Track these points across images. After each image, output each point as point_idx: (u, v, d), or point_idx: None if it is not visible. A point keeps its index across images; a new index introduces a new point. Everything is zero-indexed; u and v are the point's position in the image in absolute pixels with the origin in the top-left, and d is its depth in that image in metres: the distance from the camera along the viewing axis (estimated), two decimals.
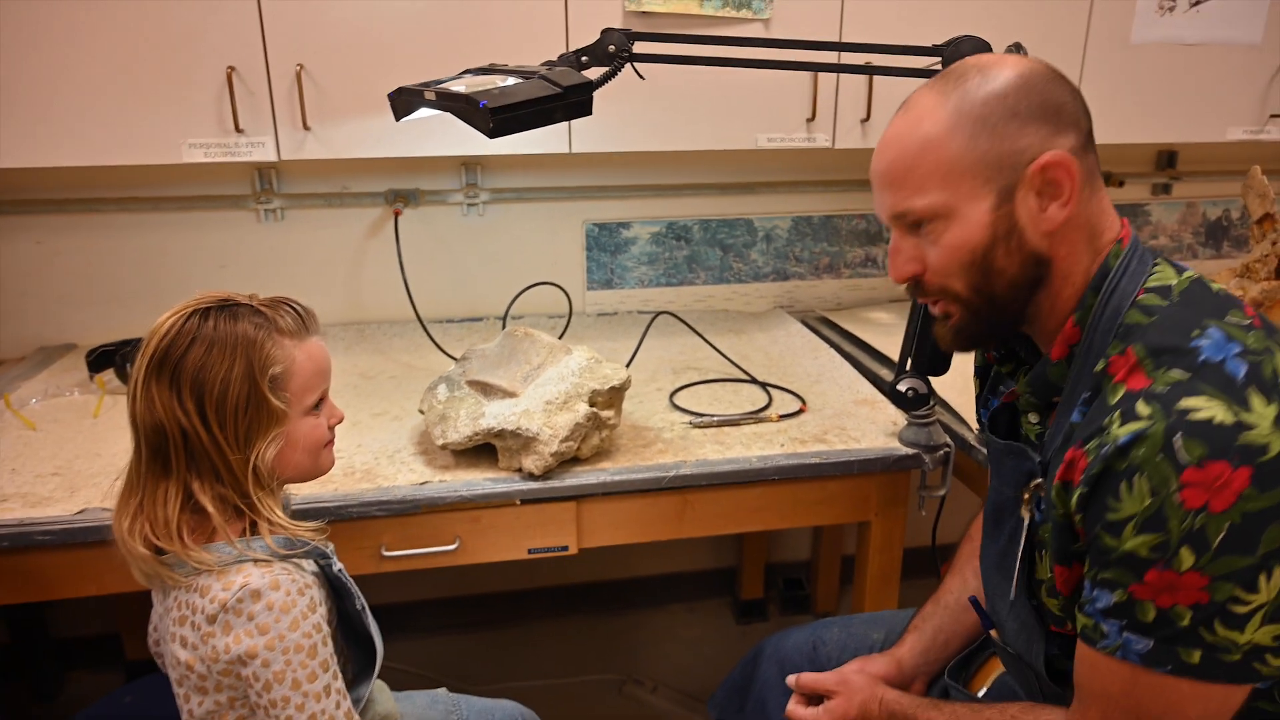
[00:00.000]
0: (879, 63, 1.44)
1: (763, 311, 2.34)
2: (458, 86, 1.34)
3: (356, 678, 1.13)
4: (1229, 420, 0.78)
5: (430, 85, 1.37)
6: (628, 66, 1.41)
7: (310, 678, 0.97)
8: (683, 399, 1.73)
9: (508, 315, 1.95)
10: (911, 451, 1.51)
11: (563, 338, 1.70)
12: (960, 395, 1.70)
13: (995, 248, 0.91)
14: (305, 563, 1.03)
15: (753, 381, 1.81)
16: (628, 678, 2.33)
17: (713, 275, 2.32)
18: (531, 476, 1.41)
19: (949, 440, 1.53)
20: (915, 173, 0.91)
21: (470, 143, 1.73)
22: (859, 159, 2.29)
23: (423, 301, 2.08)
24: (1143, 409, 0.82)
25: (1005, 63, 0.92)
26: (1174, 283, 0.90)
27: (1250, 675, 0.81)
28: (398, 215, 2.08)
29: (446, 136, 1.75)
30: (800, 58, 1.48)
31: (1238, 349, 0.82)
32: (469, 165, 2.11)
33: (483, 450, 1.47)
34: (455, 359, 1.71)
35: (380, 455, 1.50)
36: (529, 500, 1.44)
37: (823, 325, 2.25)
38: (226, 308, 1.01)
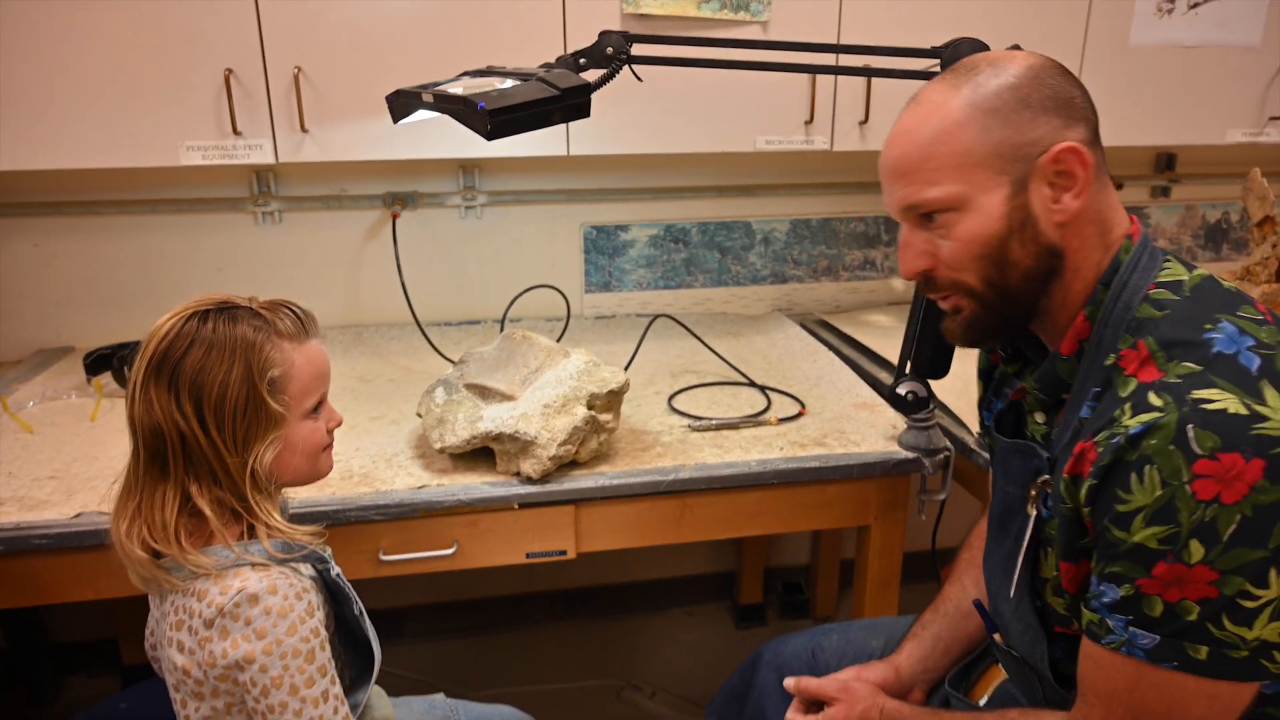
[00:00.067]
0: (877, 65, 1.44)
1: (761, 314, 2.33)
2: (455, 89, 1.33)
3: (354, 683, 1.12)
4: (1243, 412, 0.78)
5: (428, 87, 1.36)
6: (625, 69, 1.41)
7: (308, 683, 0.97)
8: (681, 402, 1.72)
9: (506, 318, 1.94)
10: (911, 455, 1.51)
11: (561, 341, 1.70)
12: (960, 399, 1.69)
13: (1010, 239, 0.90)
14: (303, 567, 1.03)
15: (751, 385, 1.80)
16: (626, 683, 2.32)
17: (711, 278, 2.32)
18: (529, 480, 1.41)
19: (949, 444, 1.52)
20: (928, 164, 0.91)
21: (468, 145, 1.72)
22: (857, 161, 2.29)
23: (420, 304, 2.08)
24: (1155, 400, 0.81)
25: (1014, 56, 0.92)
26: (1185, 279, 0.91)
27: (1258, 672, 0.80)
28: (395, 218, 2.08)
29: (444, 139, 1.75)
30: (798, 60, 1.47)
31: (1251, 342, 0.83)
32: (467, 168, 2.11)
33: (481, 454, 1.46)
34: (453, 362, 1.70)
35: (378, 459, 1.49)
36: (527, 504, 1.43)
37: (821, 328, 2.25)
38: (226, 310, 1.00)
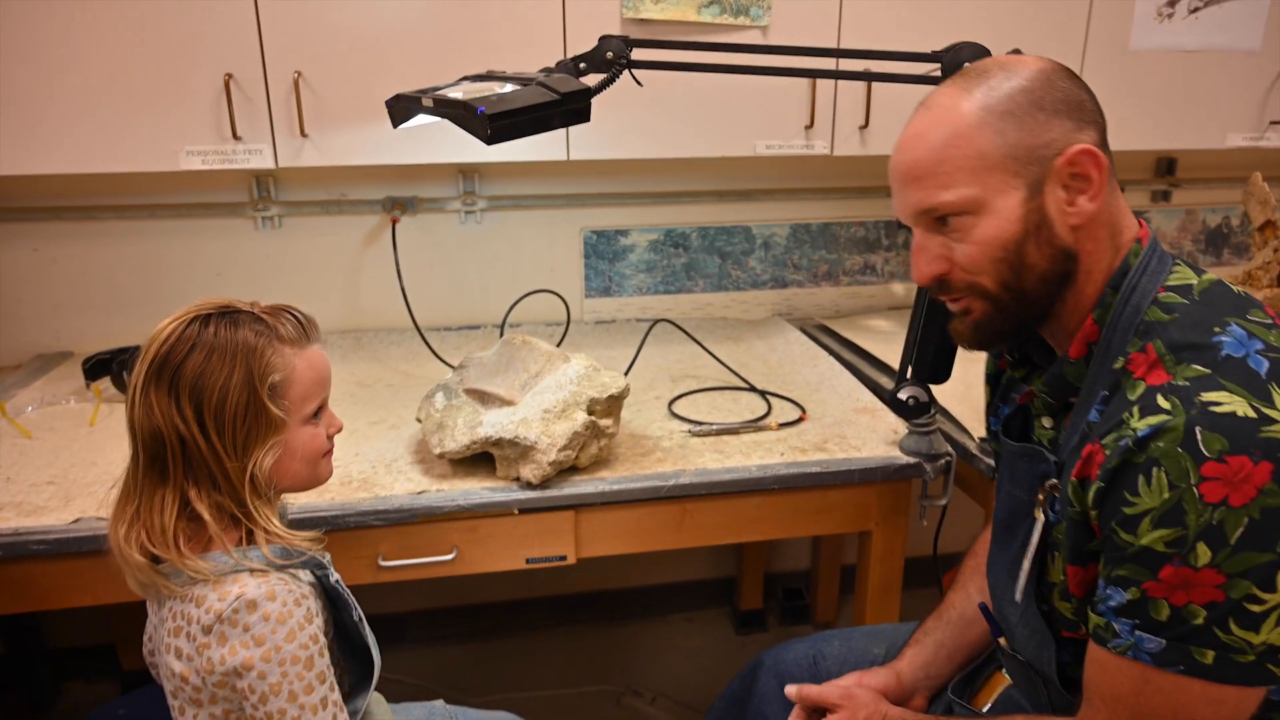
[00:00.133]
0: (877, 69, 1.44)
1: (761, 319, 2.33)
2: (455, 93, 1.33)
3: (353, 689, 1.12)
4: (1251, 415, 0.78)
5: (428, 92, 1.36)
6: (626, 73, 1.41)
7: (307, 690, 0.96)
8: (681, 407, 1.72)
9: (505, 323, 1.94)
10: (913, 460, 1.50)
11: (561, 346, 1.70)
12: (961, 403, 1.69)
13: (1027, 242, 0.90)
14: (302, 573, 1.02)
15: (752, 390, 1.80)
16: (626, 689, 2.31)
17: (711, 283, 2.31)
18: (529, 485, 1.40)
19: (950, 449, 1.52)
20: (944, 167, 0.91)
21: (468, 150, 1.72)
22: (857, 166, 2.29)
23: (420, 309, 2.07)
24: (1163, 402, 0.81)
25: (1024, 60, 0.93)
26: (1194, 282, 0.91)
27: (1264, 677, 0.80)
28: (395, 223, 2.08)
29: (444, 144, 1.74)
30: (798, 64, 1.47)
31: (1260, 345, 0.83)
32: (467, 172, 2.11)
33: (480, 459, 1.46)
34: (453, 367, 1.70)
35: (377, 464, 1.49)
36: (527, 509, 1.43)
37: (822, 333, 2.24)
38: (227, 314, 1.00)
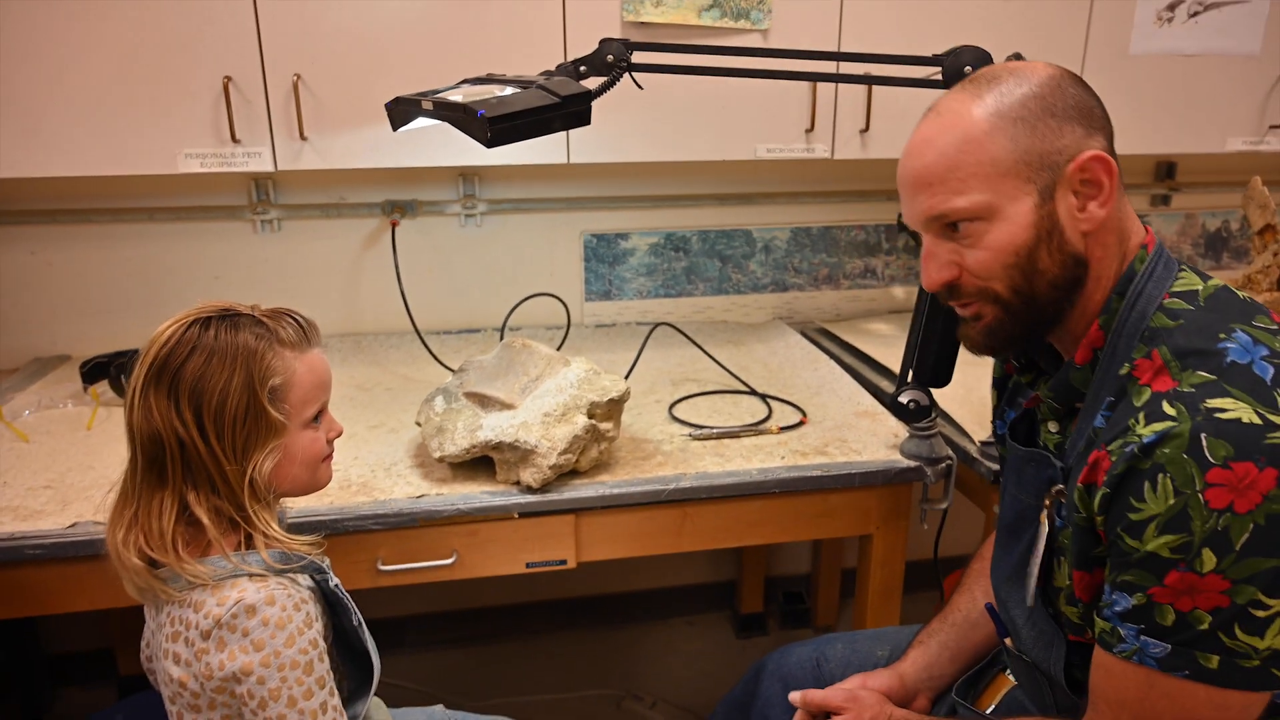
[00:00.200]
0: (878, 73, 1.43)
1: (761, 323, 2.33)
2: (455, 96, 1.33)
3: (353, 694, 1.11)
4: (1256, 421, 0.78)
5: (428, 95, 1.36)
6: (626, 76, 1.40)
7: (306, 695, 0.95)
8: (682, 411, 1.72)
9: (505, 326, 1.94)
10: (913, 464, 1.50)
11: (561, 349, 1.69)
12: (962, 407, 1.69)
13: (1039, 248, 0.91)
14: (301, 577, 1.02)
15: (752, 393, 1.80)
16: (626, 693, 2.31)
17: (711, 286, 2.31)
18: (529, 489, 1.40)
19: (951, 453, 1.52)
20: (956, 173, 0.90)
21: (468, 153, 1.72)
22: (858, 170, 2.29)
23: (420, 313, 2.07)
24: (1169, 409, 0.82)
25: (1034, 66, 0.93)
26: (1199, 288, 0.91)
27: (1269, 682, 0.81)
28: (395, 226, 2.07)
29: (444, 147, 1.74)
30: (799, 68, 1.47)
31: (1265, 351, 0.83)
32: (466, 176, 2.11)
33: (480, 463, 1.45)
34: (453, 370, 1.70)
35: (377, 468, 1.48)
36: (527, 513, 1.42)
37: (822, 336, 2.24)
38: (228, 317, 1.00)
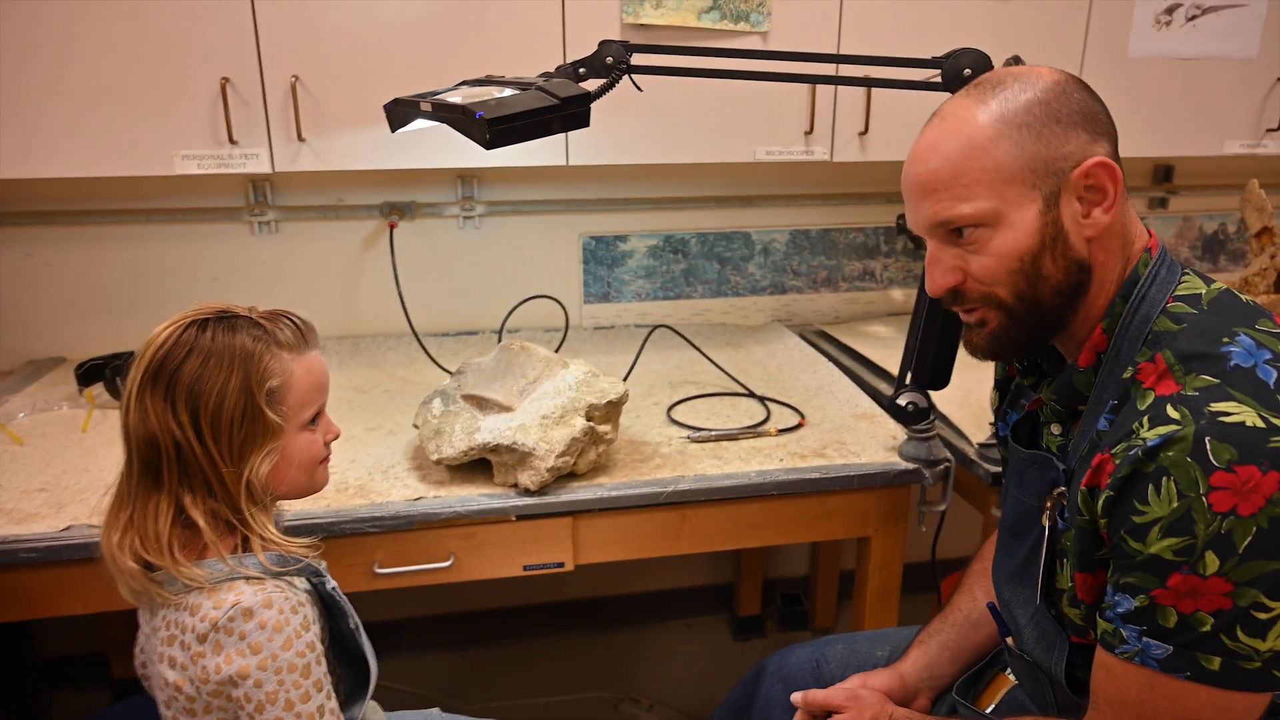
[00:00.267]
0: (877, 75, 1.43)
1: (760, 325, 2.33)
2: (454, 98, 1.33)
3: (349, 698, 1.11)
4: (1260, 425, 0.78)
5: (426, 96, 1.35)
6: (625, 78, 1.40)
7: (304, 698, 0.95)
8: (680, 413, 1.71)
9: (504, 328, 1.93)
10: (911, 466, 1.50)
11: (559, 351, 1.69)
12: (960, 409, 1.69)
13: (1043, 254, 0.91)
14: (298, 580, 1.01)
15: (751, 396, 1.79)
16: (624, 696, 2.30)
17: (710, 289, 2.31)
18: (527, 492, 1.39)
19: (949, 455, 1.51)
20: (961, 179, 0.90)
21: (466, 155, 1.72)
22: (857, 172, 2.29)
23: (418, 315, 2.07)
24: (1173, 413, 0.82)
25: (1039, 71, 0.93)
26: (1203, 292, 0.91)
27: (1270, 683, 0.81)
28: (393, 228, 2.07)
29: (443, 148, 1.73)
30: (798, 70, 1.47)
31: (1269, 355, 0.83)
32: (465, 178, 2.10)
33: (478, 465, 1.45)
34: (450, 373, 1.69)
35: (374, 470, 1.48)
36: (525, 516, 1.42)
37: (821, 339, 2.24)
38: (225, 319, 0.99)
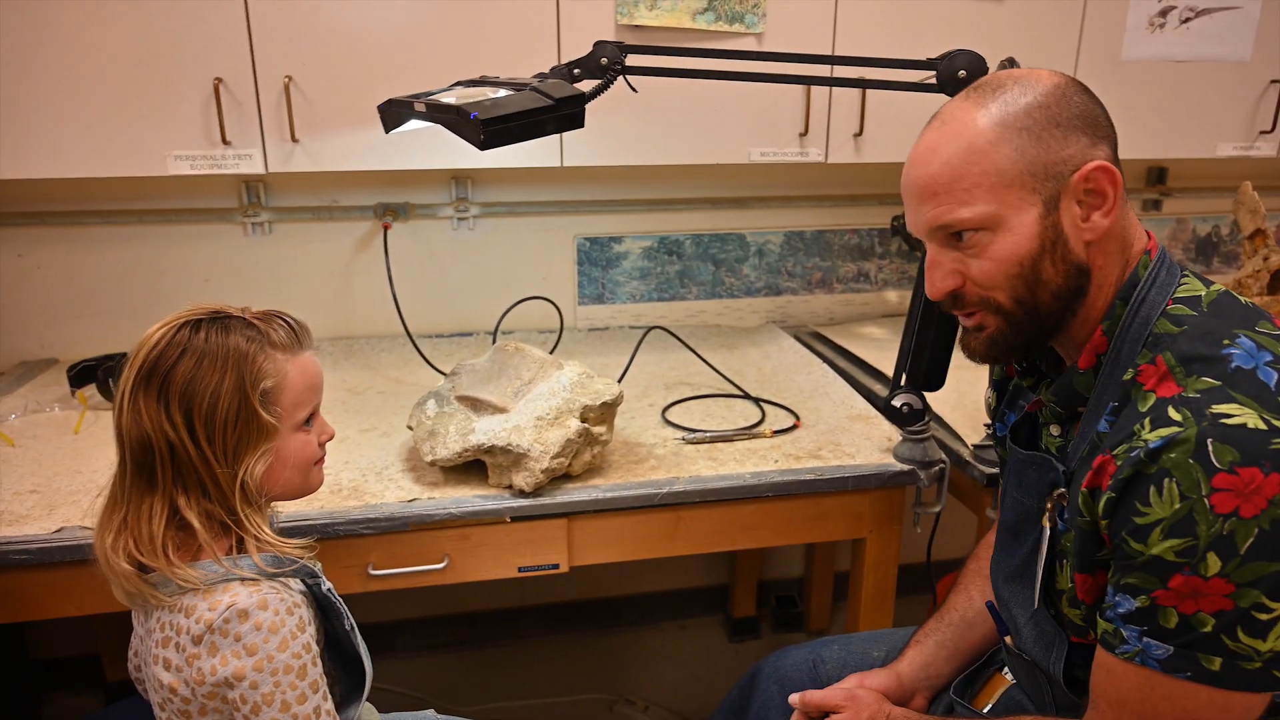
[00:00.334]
0: (872, 77, 1.43)
1: (755, 326, 2.33)
2: (448, 98, 1.32)
3: (345, 699, 1.10)
4: (1262, 427, 0.79)
5: (420, 97, 1.35)
6: (620, 79, 1.40)
7: (300, 699, 0.95)
8: (675, 415, 1.71)
9: (498, 330, 1.93)
10: (907, 468, 1.50)
11: (554, 353, 1.68)
12: (955, 411, 1.69)
13: (1043, 258, 0.91)
14: (293, 581, 1.01)
15: (746, 397, 1.79)
16: (619, 697, 2.30)
17: (705, 290, 2.31)
18: (522, 493, 1.39)
19: (944, 456, 1.52)
20: (961, 183, 0.90)
21: (461, 156, 1.72)
22: (852, 174, 2.29)
23: (412, 316, 2.06)
24: (1174, 414, 0.82)
25: (1039, 74, 0.93)
26: (1202, 294, 0.92)
27: (1270, 683, 0.81)
28: (387, 229, 2.06)
29: (437, 149, 1.73)
30: (793, 71, 1.47)
31: (1269, 357, 0.84)
32: (459, 179, 2.10)
33: (472, 467, 1.45)
34: (445, 374, 1.69)
35: (368, 472, 1.47)
36: (519, 517, 1.42)
37: (815, 340, 2.24)
38: (218, 320, 0.99)
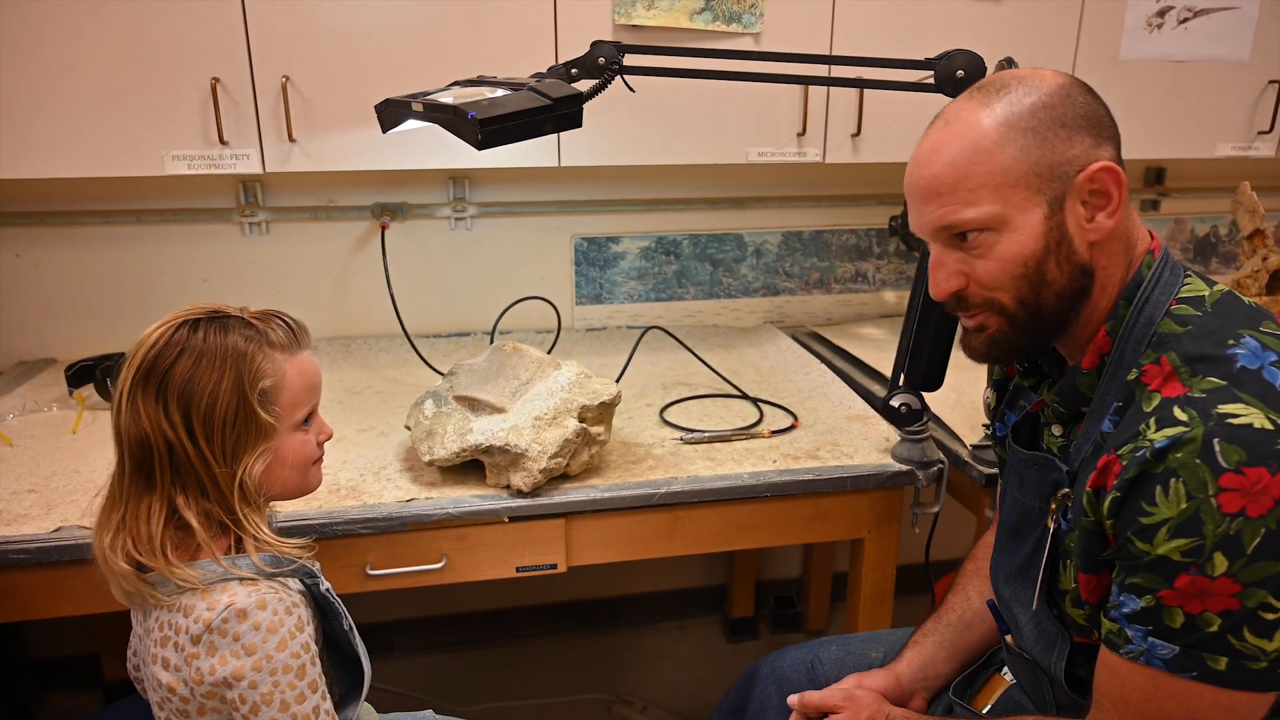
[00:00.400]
0: (870, 77, 1.43)
1: (753, 327, 2.33)
2: (446, 98, 1.32)
3: (343, 699, 1.10)
4: (1268, 426, 0.79)
5: (418, 97, 1.35)
6: (618, 79, 1.40)
7: (299, 699, 0.95)
8: (673, 415, 1.71)
9: (496, 330, 1.93)
10: (905, 468, 1.50)
11: (551, 353, 1.68)
12: (954, 411, 1.69)
13: (1048, 259, 0.91)
14: (291, 581, 1.01)
15: (744, 397, 1.79)
16: (617, 697, 2.30)
17: (702, 290, 2.31)
18: (520, 493, 1.39)
19: (942, 456, 1.52)
20: (966, 183, 0.90)
21: (458, 155, 1.72)
22: (849, 174, 2.29)
23: (409, 316, 2.06)
24: (1180, 414, 0.82)
25: (1043, 74, 0.92)
26: (1206, 294, 0.92)
27: (1276, 683, 0.81)
28: (384, 229, 2.06)
29: (434, 149, 1.73)
30: (791, 71, 1.47)
31: (1274, 357, 0.84)
32: (457, 179, 2.10)
33: (470, 467, 1.45)
34: (442, 374, 1.69)
35: (366, 472, 1.47)
36: (517, 517, 1.42)
37: (813, 340, 2.24)
38: (217, 319, 0.99)
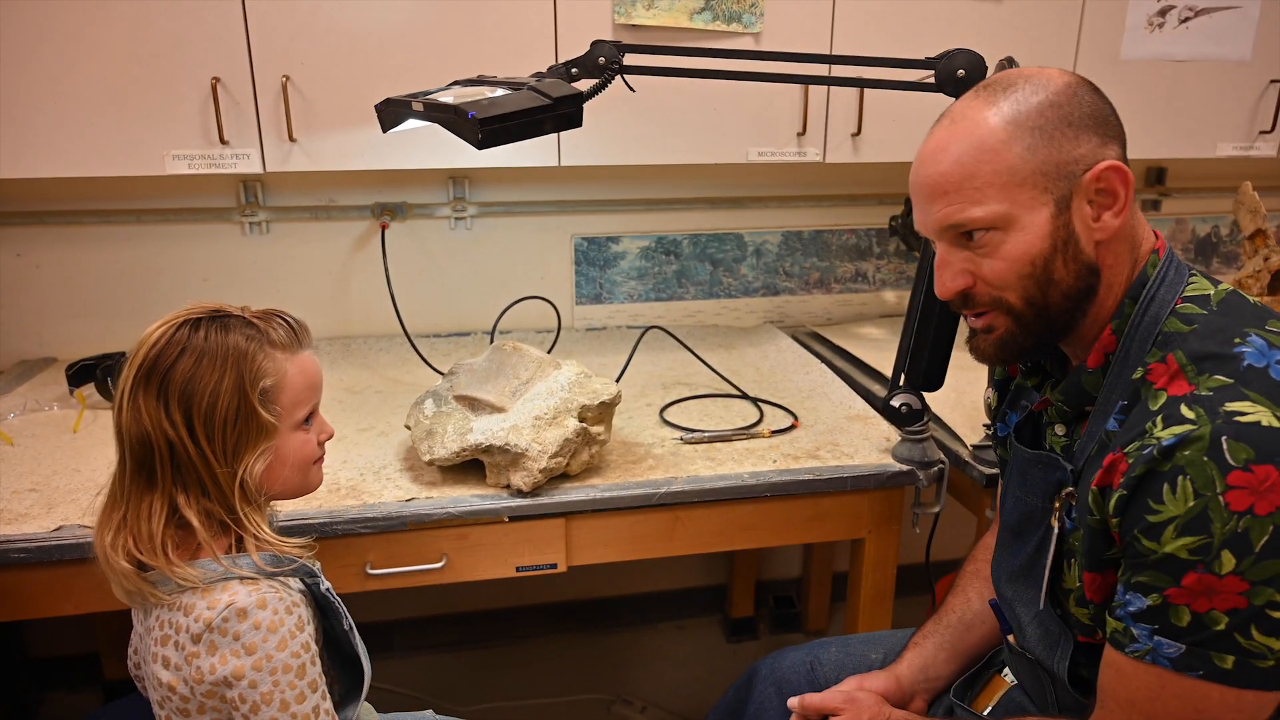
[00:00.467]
0: (870, 76, 1.43)
1: (753, 326, 2.33)
2: (446, 97, 1.32)
3: (343, 699, 1.10)
4: (1276, 424, 0.79)
5: (418, 96, 1.35)
6: (618, 79, 1.40)
7: (299, 699, 0.95)
8: (673, 414, 1.71)
9: (496, 330, 1.93)
10: (905, 468, 1.50)
11: (551, 352, 1.68)
12: (954, 411, 1.69)
13: (1055, 258, 0.91)
14: (291, 581, 1.01)
15: (744, 397, 1.79)
16: (616, 697, 2.30)
17: (702, 290, 2.31)
18: (520, 493, 1.39)
19: (943, 456, 1.52)
20: (973, 182, 0.90)
21: (458, 155, 1.72)
22: (850, 173, 2.29)
23: (409, 316, 2.06)
24: (1187, 412, 0.82)
25: (1050, 72, 0.92)
26: (1211, 293, 0.92)
27: None
28: (384, 229, 2.06)
29: (434, 149, 1.73)
30: (791, 71, 1.47)
31: None
32: (456, 178, 2.10)
33: (470, 466, 1.45)
34: (442, 374, 1.69)
35: (366, 471, 1.47)
36: (517, 517, 1.42)
37: (813, 340, 2.24)
38: (218, 318, 0.99)
